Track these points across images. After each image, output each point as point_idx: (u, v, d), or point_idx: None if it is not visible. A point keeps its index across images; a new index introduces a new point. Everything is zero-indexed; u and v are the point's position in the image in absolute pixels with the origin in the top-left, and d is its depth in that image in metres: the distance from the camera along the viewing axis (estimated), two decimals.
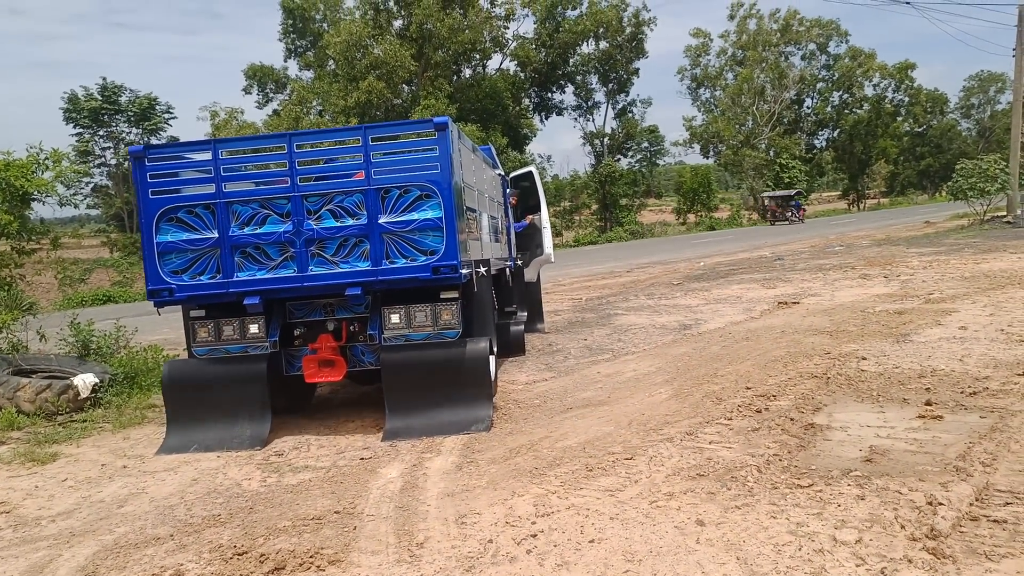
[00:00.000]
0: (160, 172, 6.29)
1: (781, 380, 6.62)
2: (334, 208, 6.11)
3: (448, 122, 5.98)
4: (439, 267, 6.00)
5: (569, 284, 18.15)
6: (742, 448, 4.96)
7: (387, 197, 6.06)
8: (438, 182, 6.01)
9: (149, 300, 6.26)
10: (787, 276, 15.43)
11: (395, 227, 6.04)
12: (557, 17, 41.56)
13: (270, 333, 6.26)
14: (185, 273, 6.14)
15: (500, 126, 36.59)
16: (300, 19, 41.09)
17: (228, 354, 6.31)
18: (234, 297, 6.11)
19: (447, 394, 6.13)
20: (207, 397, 6.22)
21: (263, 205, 6.13)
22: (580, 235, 41.10)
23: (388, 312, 6.22)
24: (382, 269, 6.04)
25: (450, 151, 5.97)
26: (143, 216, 6.12)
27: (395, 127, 7.25)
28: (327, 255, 6.09)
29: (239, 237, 6.10)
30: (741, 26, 52.10)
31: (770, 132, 51.22)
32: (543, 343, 10.04)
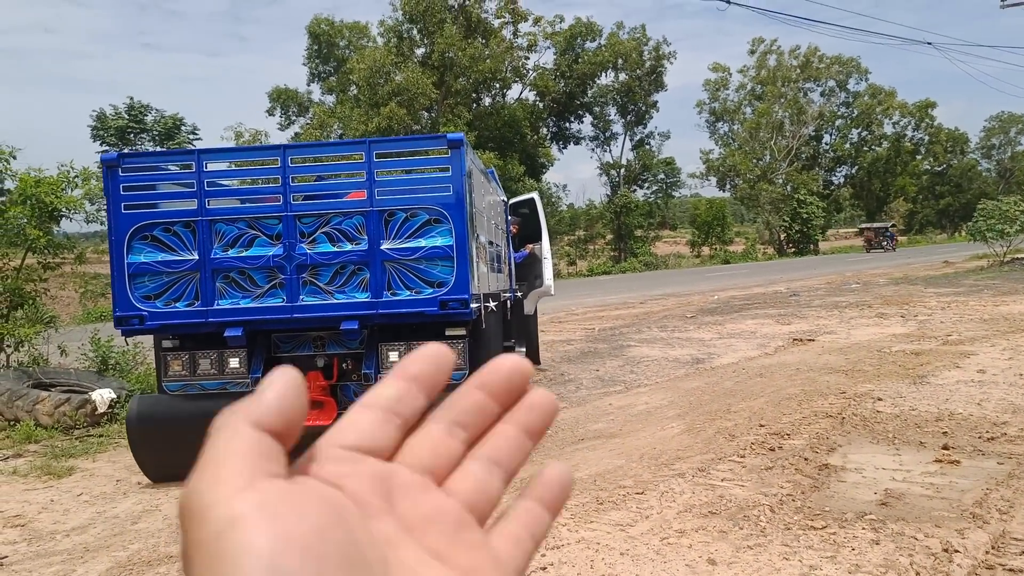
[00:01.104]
0: (135, 184, 5.61)
1: (795, 419, 6.59)
2: (331, 231, 5.50)
3: (463, 139, 5.45)
4: (448, 301, 5.41)
5: (582, 314, 18.16)
6: (755, 487, 4.93)
7: (391, 221, 5.48)
8: (450, 206, 5.43)
9: (116, 328, 5.60)
10: (802, 312, 15.37)
11: (399, 254, 5.44)
12: (577, 48, 42.07)
13: (252, 368, 5.60)
14: (159, 299, 5.47)
15: (517, 154, 36.91)
16: (325, 44, 41.84)
17: (204, 391, 5.61)
18: (214, 328, 5.46)
19: None
20: (178, 439, 5.29)
21: (251, 225, 5.49)
22: (594, 265, 41.17)
23: (386, 349, 5.61)
24: (383, 301, 5.44)
25: (464, 171, 5.42)
26: (113, 233, 5.46)
27: (404, 143, 6.44)
28: (321, 283, 5.46)
29: (222, 260, 5.45)
30: (761, 61, 52.48)
31: (788, 167, 51.29)
32: (555, 373, 10.04)
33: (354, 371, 5.80)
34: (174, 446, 5.31)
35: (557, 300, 22.04)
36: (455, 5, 37.31)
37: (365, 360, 5.66)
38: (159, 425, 5.46)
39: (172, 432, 5.37)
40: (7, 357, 8.72)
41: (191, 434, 5.01)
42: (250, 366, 5.60)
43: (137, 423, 5.53)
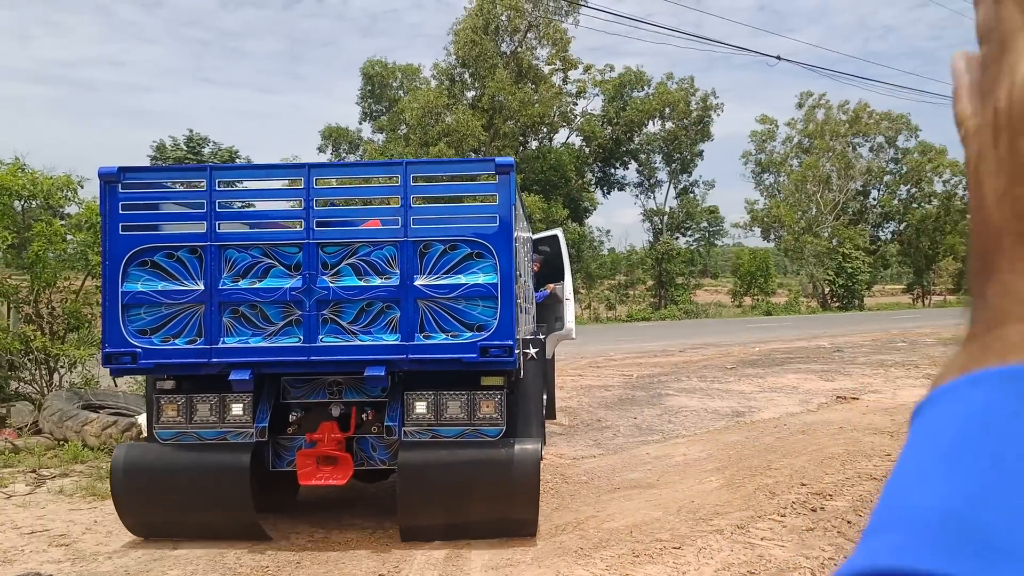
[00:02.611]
0: (136, 202, 4.98)
1: (838, 479, 6.44)
2: (357, 263, 4.85)
3: (514, 164, 4.82)
4: (489, 347, 4.73)
5: (620, 359, 18.04)
6: (796, 548, 4.82)
7: (427, 253, 4.82)
8: (496, 238, 4.79)
9: (104, 366, 4.93)
10: (846, 369, 15.05)
11: (435, 292, 4.77)
12: (625, 96, 42.52)
13: (258, 416, 4.92)
14: (156, 334, 4.81)
15: (562, 198, 37.19)
16: (378, 85, 43.02)
17: (200, 440, 4.94)
18: (217, 369, 4.79)
19: (483, 510, 4.86)
20: (167, 495, 4.86)
21: (266, 253, 4.85)
22: (634, 310, 40.92)
23: (412, 399, 4.94)
24: (414, 345, 4.75)
25: (513, 200, 4.82)
26: (108, 257, 4.81)
27: (446, 166, 5.63)
28: (343, 322, 4.80)
29: (231, 292, 4.79)
30: (809, 115, 52.30)
31: (834, 221, 50.68)
32: (591, 418, 9.97)
33: (374, 423, 5.11)
34: (161, 502, 4.89)
35: (596, 344, 21.94)
36: (507, 51, 38.17)
37: (388, 410, 4.97)
38: (147, 478, 4.85)
39: (161, 486, 4.84)
40: (60, 378, 9.00)
41: (181, 490, 4.74)
42: (255, 414, 4.92)
43: (123, 474, 4.88)
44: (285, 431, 5.11)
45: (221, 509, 4.85)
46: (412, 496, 4.82)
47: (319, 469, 4.88)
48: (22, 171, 9.15)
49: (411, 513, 4.84)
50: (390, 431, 4.91)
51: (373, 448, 5.18)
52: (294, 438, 5.10)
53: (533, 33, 38.19)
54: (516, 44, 38.22)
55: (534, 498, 4.88)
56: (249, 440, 4.90)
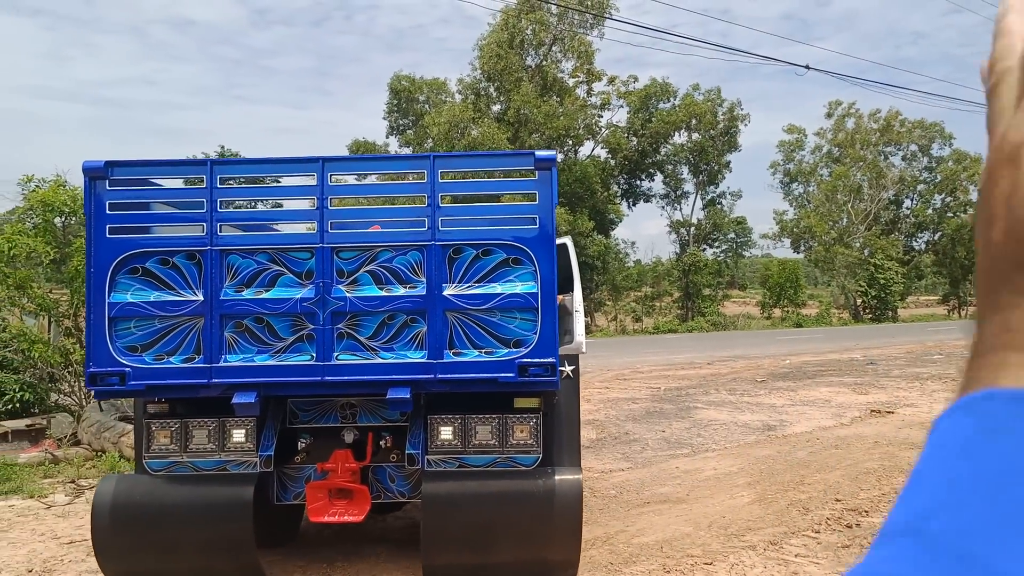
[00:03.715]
0: (125, 201, 4.38)
1: (874, 495, 6.33)
2: (377, 270, 4.29)
3: (555, 159, 4.29)
4: (528, 365, 4.19)
5: (647, 372, 17.93)
6: (831, 565, 4.75)
7: (457, 259, 4.28)
8: (535, 242, 4.25)
9: (89, 387, 4.37)
10: (880, 382, 14.80)
11: (467, 303, 4.23)
12: (651, 107, 42.47)
13: (262, 444, 4.37)
14: (147, 351, 4.22)
15: (587, 210, 37.18)
16: (405, 99, 43.47)
17: (196, 471, 4.37)
18: (218, 391, 4.23)
19: (517, 549, 4.29)
20: (159, 536, 4.25)
21: (274, 259, 4.29)
22: (660, 322, 40.67)
23: (436, 423, 4.42)
24: (443, 363, 4.21)
25: (555, 200, 4.28)
26: (94, 263, 4.22)
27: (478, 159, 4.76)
28: (362, 337, 4.26)
29: (234, 303, 4.23)
30: (839, 124, 51.76)
31: (865, 231, 49.99)
32: (619, 431, 9.92)
33: (393, 450, 4.57)
34: (152, 544, 4.25)
35: (623, 357, 21.84)
36: (532, 65, 38.37)
37: (410, 436, 4.41)
38: (136, 516, 4.24)
39: (151, 526, 4.24)
40: None
41: (174, 530, 4.15)
42: (259, 441, 4.37)
43: (109, 514, 4.20)
44: (292, 460, 4.57)
45: (219, 551, 4.24)
46: (438, 533, 4.26)
47: (332, 503, 4.34)
48: (63, 188, 9.40)
49: (436, 552, 4.28)
50: (412, 460, 4.34)
51: (391, 479, 4.62)
52: (302, 467, 4.57)
53: (558, 46, 38.37)
54: (541, 57, 38.42)
55: (576, 536, 4.27)
56: (252, 471, 4.33)
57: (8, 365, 9.58)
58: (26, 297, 9.46)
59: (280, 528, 5.23)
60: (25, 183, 10.17)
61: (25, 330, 9.26)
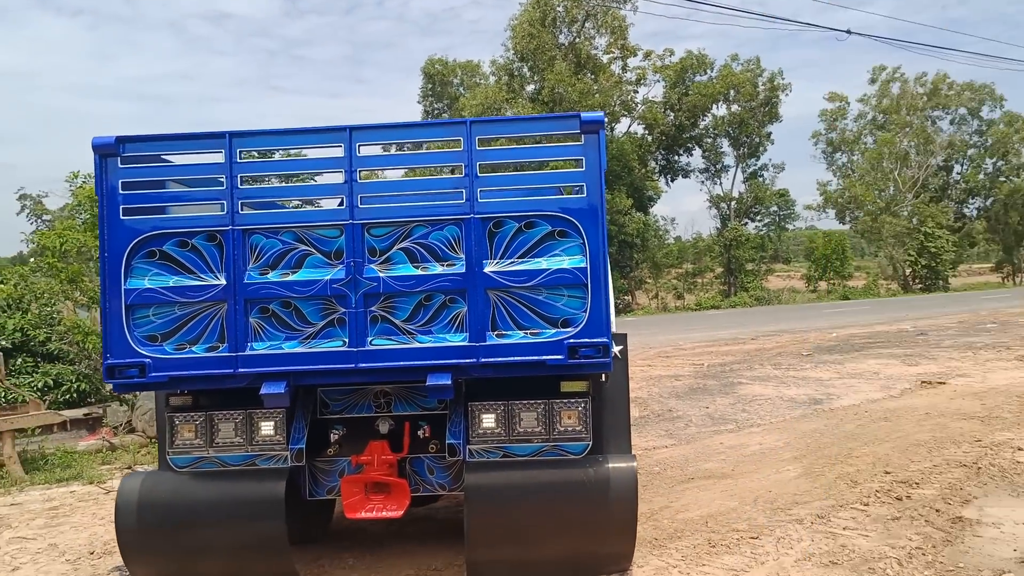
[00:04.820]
0: (140, 181, 4.11)
1: (925, 467, 6.19)
2: (412, 247, 4.02)
3: (604, 121, 3.98)
4: (578, 346, 3.89)
5: (690, 348, 17.76)
6: (880, 538, 4.67)
7: (498, 233, 3.99)
8: (582, 212, 3.95)
9: (107, 381, 4.09)
10: (931, 353, 14.42)
11: (509, 280, 3.95)
12: (687, 81, 41.71)
13: (292, 437, 4.16)
14: (168, 340, 3.99)
15: (625, 188, 36.80)
16: (439, 83, 43.47)
17: (224, 467, 4.18)
18: (245, 381, 3.98)
19: (567, 542, 4.09)
20: (186, 536, 4.09)
21: (300, 238, 4.04)
22: (702, 299, 40.18)
23: (478, 411, 4.16)
24: (486, 346, 3.93)
25: (604, 166, 3.97)
26: (108, 248, 4.00)
27: (519, 124, 4.51)
28: (397, 320, 3.99)
29: (260, 287, 3.99)
30: (883, 90, 50.18)
31: (914, 199, 48.54)
32: (663, 408, 9.86)
33: (432, 440, 4.33)
34: (179, 545, 4.10)
35: (665, 334, 21.65)
36: (565, 43, 37.95)
37: (450, 425, 4.16)
38: (162, 515, 4.09)
39: (178, 526, 4.08)
40: None
41: (202, 530, 4.00)
42: (289, 433, 4.16)
43: (136, 513, 4.07)
44: (324, 452, 4.35)
45: (250, 551, 4.07)
46: (482, 527, 4.02)
47: (368, 499, 4.13)
48: None
49: (481, 547, 4.05)
50: (452, 450, 4.10)
51: (430, 470, 4.38)
52: (336, 460, 4.35)
53: (591, 22, 37.85)
54: (574, 35, 37.97)
55: (631, 527, 4.05)
56: (283, 465, 4.13)
57: (64, 357, 9.91)
58: (78, 290, 9.76)
59: (311, 524, 5.06)
60: (72, 179, 10.46)
61: (79, 322, 9.56)
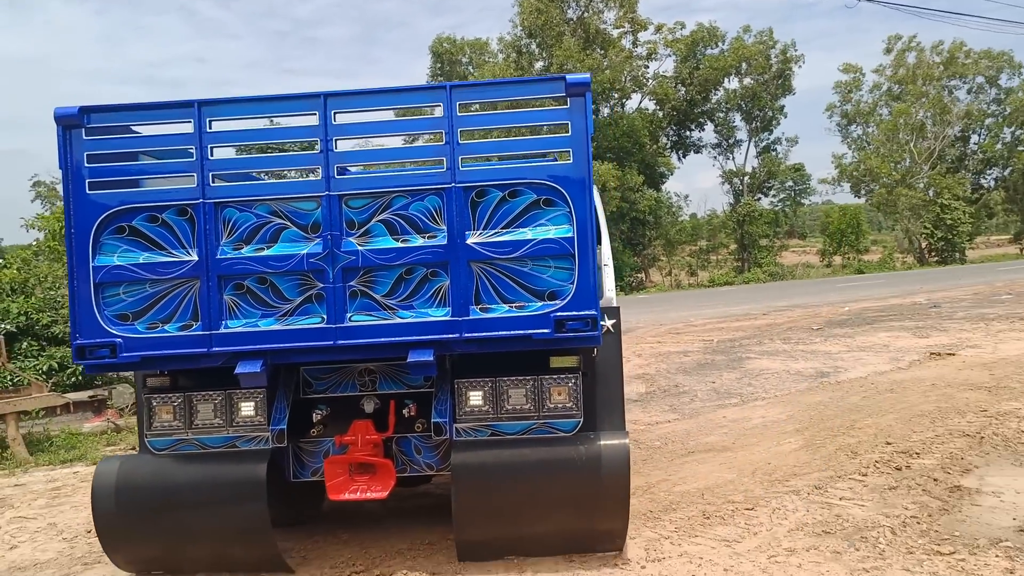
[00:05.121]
0: (106, 152, 3.95)
1: (927, 437, 6.12)
2: (392, 218, 3.89)
3: (589, 83, 3.80)
4: (566, 319, 3.78)
5: (701, 325, 17.66)
6: (876, 507, 4.62)
7: (481, 203, 3.86)
8: (569, 180, 3.81)
9: (76, 362, 4.01)
10: (943, 325, 14.25)
11: (493, 251, 3.83)
12: (698, 54, 41.15)
13: (273, 417, 4.05)
14: (140, 319, 3.88)
15: (636, 164, 36.47)
16: (448, 62, 43.16)
17: (203, 449, 4.08)
18: (220, 360, 3.88)
19: (558, 521, 4.04)
20: (166, 521, 4.00)
21: (276, 211, 3.91)
22: (715, 275, 39.93)
23: (465, 388, 4.05)
24: (470, 321, 3.81)
25: (590, 130, 3.81)
26: (74, 224, 3.87)
27: (502, 88, 4.24)
28: (377, 295, 3.87)
29: (234, 262, 3.87)
30: (899, 59, 49.27)
31: (930, 170, 47.81)
32: (669, 384, 9.82)
33: (418, 419, 4.22)
34: (159, 530, 4.01)
35: (677, 311, 21.55)
36: (573, 18, 37.48)
37: (436, 404, 4.05)
38: (141, 499, 4.00)
39: (157, 510, 3.98)
40: None
41: (182, 514, 3.89)
42: (270, 414, 4.05)
43: (114, 498, 3.98)
44: (308, 433, 4.25)
45: (232, 535, 4.02)
46: (470, 507, 3.96)
47: (353, 480, 4.04)
48: None
49: (470, 527, 4.00)
50: (439, 429, 3.98)
51: (417, 450, 4.27)
52: (320, 441, 4.24)
53: None
54: (582, 9, 37.48)
55: (624, 505, 3.96)
56: (264, 447, 4.03)
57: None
58: None
59: (301, 505, 4.96)
60: None
61: None
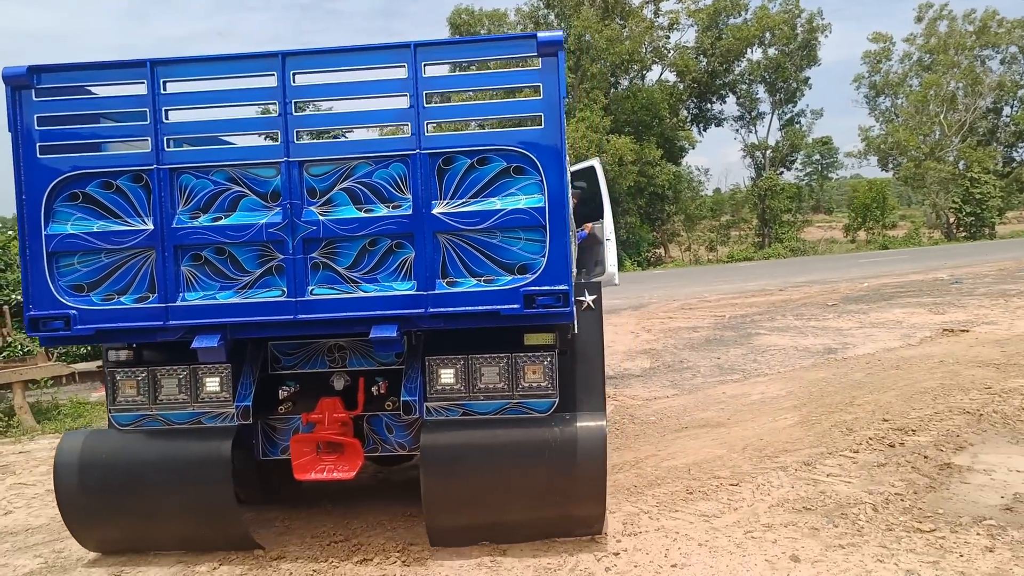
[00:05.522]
0: (57, 115, 3.79)
1: (925, 414, 6.02)
2: (355, 187, 3.71)
3: (562, 42, 3.61)
4: (535, 294, 3.61)
5: (715, 300, 17.51)
6: (862, 484, 4.56)
7: (448, 170, 3.68)
8: (540, 147, 3.61)
9: (30, 335, 3.96)
10: (961, 301, 13.98)
11: (460, 222, 3.65)
12: (720, 24, 40.35)
13: (239, 393, 3.93)
14: (95, 290, 3.77)
15: (655, 138, 36.03)
16: (466, 34, 42.79)
17: (168, 425, 3.98)
18: (176, 334, 3.75)
19: (533, 505, 3.85)
20: (131, 499, 3.91)
21: (233, 178, 3.74)
22: (735, 251, 39.51)
23: (435, 365, 3.90)
24: (436, 295, 3.65)
25: (563, 93, 3.61)
26: (25, 191, 3.73)
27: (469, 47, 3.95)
28: (340, 268, 3.72)
29: (190, 232, 3.72)
30: (930, 28, 47.96)
31: (960, 143, 46.68)
32: (674, 360, 9.76)
33: (388, 397, 4.08)
34: (123, 507, 3.92)
35: (692, 287, 21.39)
36: None
37: (405, 381, 3.91)
38: (104, 476, 3.90)
39: (121, 486, 3.89)
40: None
41: (146, 490, 3.78)
42: (235, 390, 3.93)
43: (77, 473, 3.89)
44: (275, 409, 4.13)
45: (197, 514, 3.92)
46: (440, 491, 3.79)
47: (319, 459, 3.92)
48: None
49: (440, 512, 3.83)
50: (408, 408, 3.84)
51: (388, 429, 4.11)
52: (289, 418, 4.11)
53: None
54: None
55: (600, 488, 3.78)
56: (229, 423, 3.91)
57: None
58: None
59: (279, 482, 4.77)
60: None
61: None
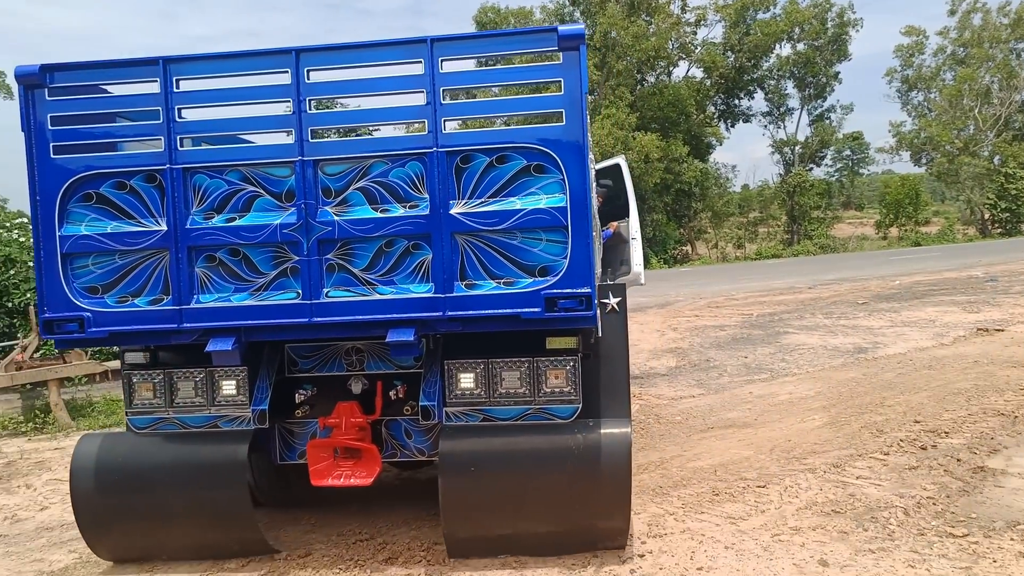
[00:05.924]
0: (70, 115, 3.77)
1: (959, 415, 5.90)
2: (370, 186, 3.66)
3: (584, 35, 3.51)
4: (557, 297, 3.51)
5: (743, 299, 17.34)
6: (892, 487, 4.49)
7: (466, 169, 3.60)
8: (562, 144, 3.52)
9: (45, 336, 3.91)
10: (997, 300, 13.68)
11: (479, 223, 3.57)
12: (748, 19, 39.88)
13: (255, 396, 3.94)
14: (109, 293, 3.75)
15: (681, 135, 35.74)
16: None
17: (184, 428, 3.98)
18: (190, 337, 3.73)
19: (555, 516, 3.73)
20: (147, 504, 3.87)
21: (247, 178, 3.71)
22: (763, 248, 39.05)
23: (455, 369, 3.84)
24: (454, 298, 3.58)
25: (585, 88, 3.52)
26: (39, 192, 3.72)
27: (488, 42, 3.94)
28: (355, 269, 3.67)
29: (204, 232, 3.69)
30: (964, 21, 46.98)
31: (995, 138, 45.67)
32: (700, 358, 9.68)
33: (407, 401, 4.03)
34: (139, 513, 3.88)
35: (719, 284, 21.19)
36: None
37: (424, 386, 3.85)
38: (120, 480, 3.87)
39: (137, 491, 3.86)
40: None
41: (162, 495, 3.76)
42: (251, 393, 3.94)
43: (94, 478, 3.86)
44: (292, 412, 4.11)
45: (212, 519, 3.88)
46: (459, 499, 3.69)
47: (336, 465, 3.88)
48: None
49: (459, 522, 3.73)
50: (427, 413, 3.79)
51: (407, 434, 4.07)
52: (307, 422, 4.11)
53: None
54: None
55: (625, 499, 3.65)
56: (246, 427, 3.92)
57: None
58: None
59: (294, 485, 4.72)
60: None
61: None
